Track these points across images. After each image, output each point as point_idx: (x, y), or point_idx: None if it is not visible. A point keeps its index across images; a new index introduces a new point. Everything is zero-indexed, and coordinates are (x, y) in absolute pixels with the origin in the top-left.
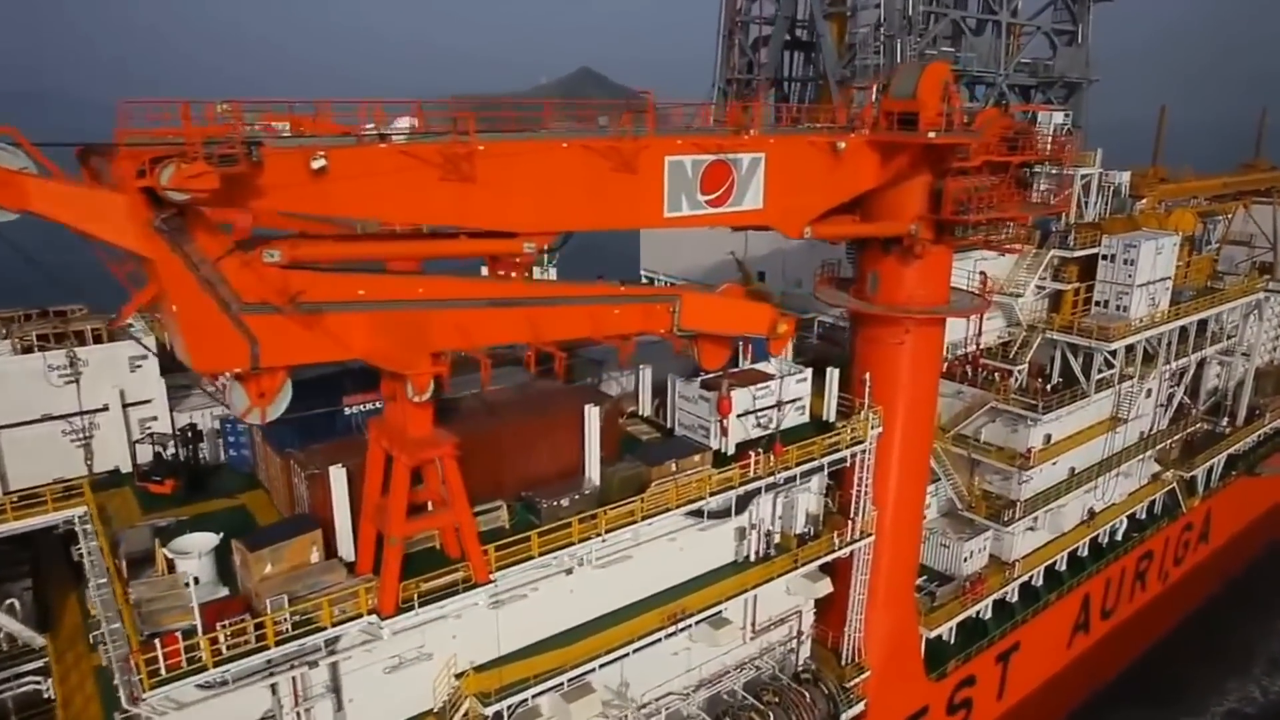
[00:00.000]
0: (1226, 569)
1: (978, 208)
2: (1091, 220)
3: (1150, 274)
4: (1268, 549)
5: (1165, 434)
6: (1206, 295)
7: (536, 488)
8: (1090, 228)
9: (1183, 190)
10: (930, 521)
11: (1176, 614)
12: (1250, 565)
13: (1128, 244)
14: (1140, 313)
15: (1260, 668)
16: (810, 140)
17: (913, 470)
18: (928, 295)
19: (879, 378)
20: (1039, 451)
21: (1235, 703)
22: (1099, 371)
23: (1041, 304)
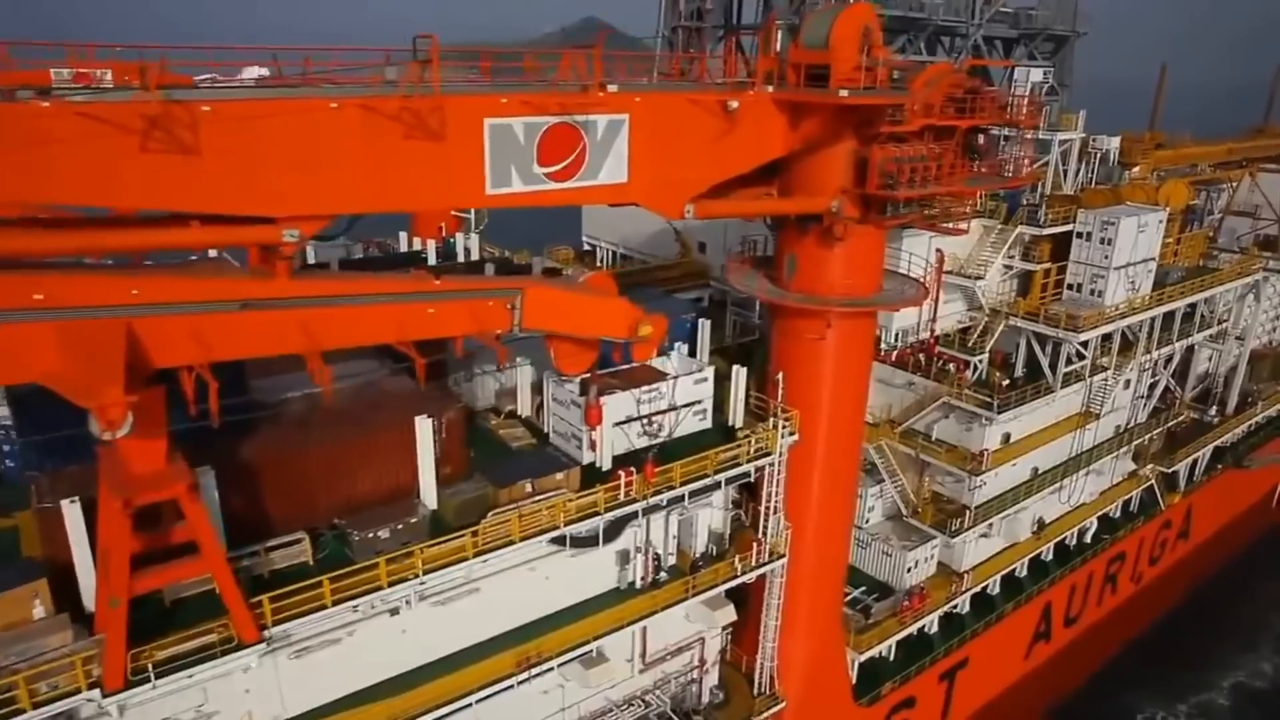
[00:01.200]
0: (1205, 567)
1: (910, 181)
2: (1070, 192)
3: (1130, 254)
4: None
5: (1145, 427)
6: (1198, 277)
7: (359, 513)
8: (1065, 201)
9: (1181, 157)
10: (874, 526)
11: (1149, 615)
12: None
13: (1105, 220)
14: (1117, 298)
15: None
16: (692, 98)
17: (837, 482)
18: (854, 283)
19: (795, 378)
20: (995, 453)
21: (1244, 677)
22: (1069, 363)
23: (1010, 286)
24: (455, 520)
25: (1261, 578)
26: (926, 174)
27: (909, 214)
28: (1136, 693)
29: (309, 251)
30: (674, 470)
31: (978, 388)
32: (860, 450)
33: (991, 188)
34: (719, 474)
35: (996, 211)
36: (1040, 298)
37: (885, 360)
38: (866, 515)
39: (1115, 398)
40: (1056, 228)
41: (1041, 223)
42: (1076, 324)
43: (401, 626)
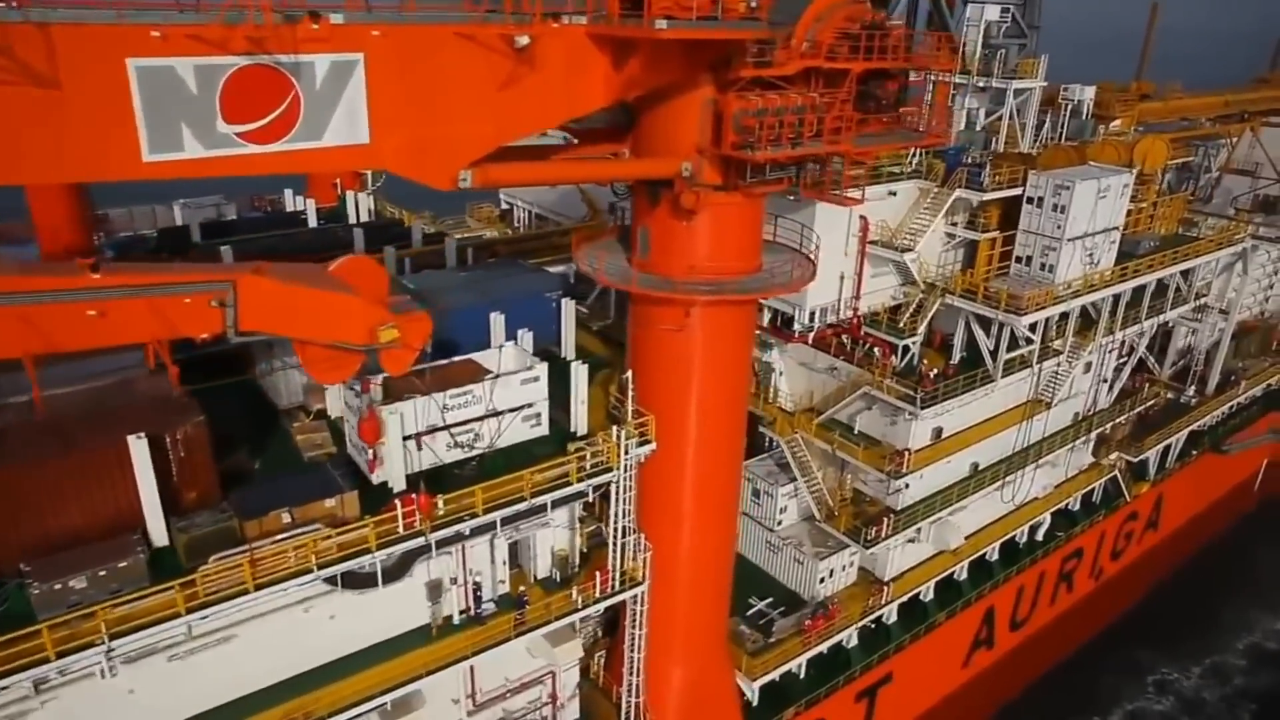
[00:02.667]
0: (1173, 559)
1: (776, 139)
2: (1027, 150)
3: (1088, 223)
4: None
5: (1109, 413)
6: (1175, 247)
7: (53, 555)
8: (1016, 160)
9: (1170, 110)
10: (787, 528)
11: (1110, 612)
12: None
13: (1058, 184)
14: (1071, 274)
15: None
16: (463, 32)
17: (713, 494)
18: (721, 263)
19: (652, 376)
20: (921, 451)
21: (1259, 637)
22: (1015, 346)
23: (955, 257)
24: (186, 560)
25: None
26: (804, 130)
27: (779, 178)
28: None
29: (175, 211)
30: (474, 495)
31: (902, 377)
32: (740, 456)
33: (889, 148)
34: (544, 495)
35: (933, 172)
36: (985, 272)
37: (801, 341)
38: (779, 516)
39: (1072, 383)
40: (1002, 191)
41: (983, 185)
42: (1019, 304)
43: (126, 686)
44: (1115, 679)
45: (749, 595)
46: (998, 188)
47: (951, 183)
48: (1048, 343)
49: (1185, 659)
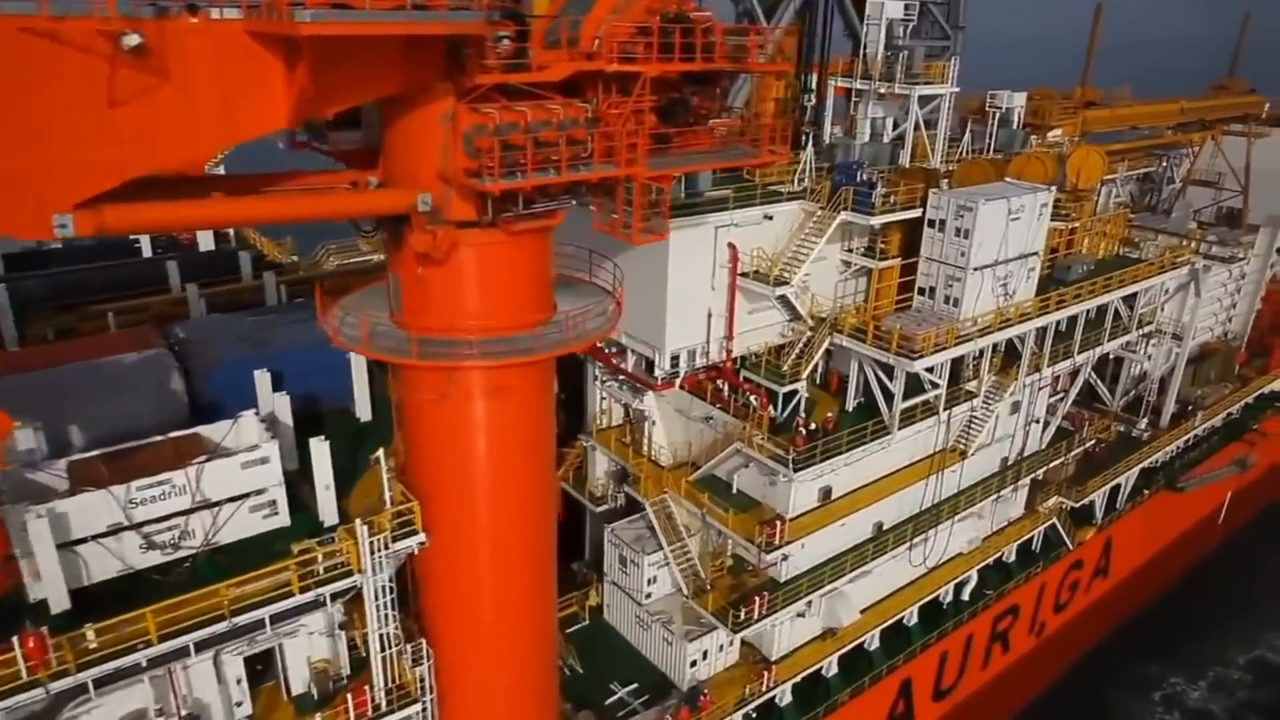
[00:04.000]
0: (1131, 604)
1: (518, 164)
2: (935, 165)
3: (999, 249)
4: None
5: (1045, 456)
6: (1116, 269)
7: None
8: (917, 177)
9: (1118, 118)
10: (659, 602)
11: (1057, 666)
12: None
13: (961, 205)
14: (981, 307)
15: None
16: (32, 26)
17: (513, 590)
18: (492, 316)
19: (421, 451)
20: (801, 517)
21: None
22: (919, 390)
23: (855, 287)
24: None
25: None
26: (572, 151)
27: (549, 210)
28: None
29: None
30: (144, 620)
31: (780, 432)
32: (550, 537)
33: (695, 169)
34: (257, 611)
35: (818, 192)
36: (877, 307)
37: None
38: (647, 588)
39: (995, 427)
40: (895, 214)
41: (872, 207)
42: (912, 345)
43: None
44: (1120, 693)
45: (612, 679)
46: (889, 210)
47: (836, 204)
48: (962, 384)
49: (1190, 669)
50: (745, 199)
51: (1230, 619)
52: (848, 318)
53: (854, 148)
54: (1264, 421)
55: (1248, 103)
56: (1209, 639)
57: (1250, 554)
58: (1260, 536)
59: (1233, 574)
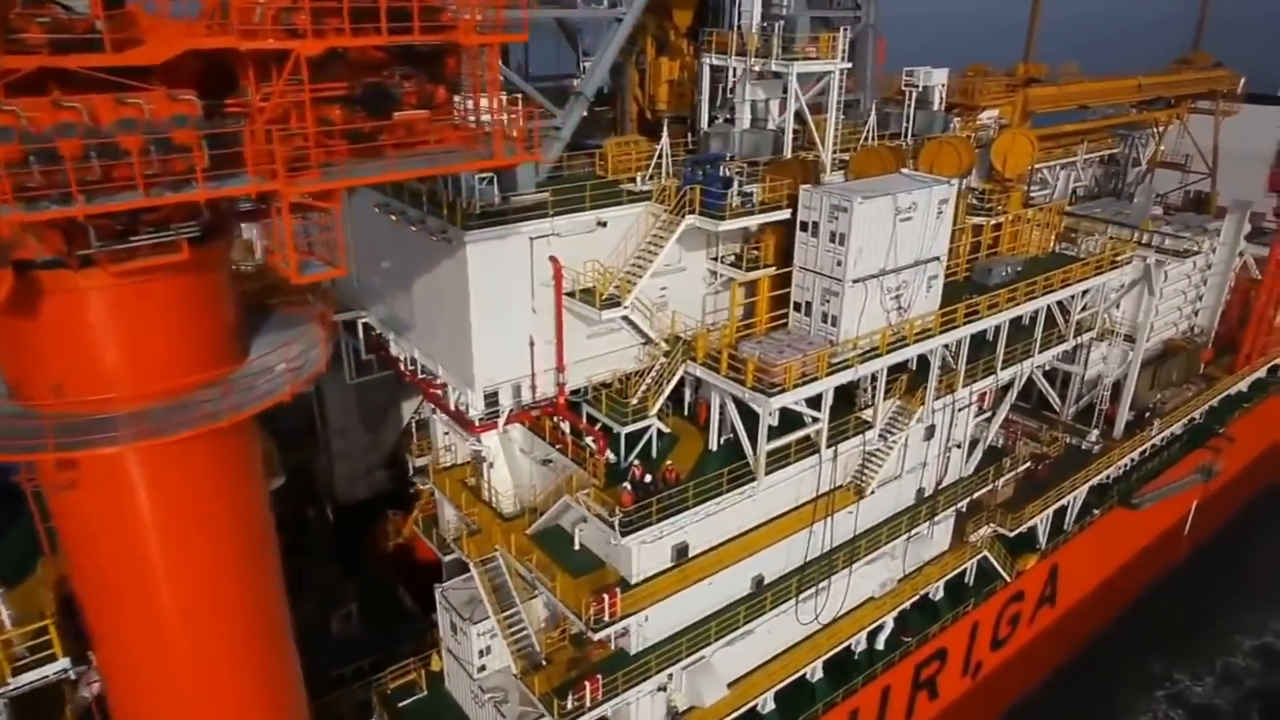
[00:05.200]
0: (1086, 629)
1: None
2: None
3: (884, 256)
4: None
5: (971, 484)
6: (1053, 269)
7: None
8: (789, 169)
9: (1065, 97)
10: (494, 676)
11: (1000, 705)
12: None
13: (835, 204)
14: (867, 325)
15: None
16: None
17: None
18: (121, 379)
19: (70, 551)
20: (644, 584)
21: (1273, 637)
22: (797, 424)
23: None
24: None
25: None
26: (166, 162)
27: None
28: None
29: None
30: None
31: (614, 481)
32: (275, 632)
33: (382, 179)
34: None
35: (665, 193)
36: (750, 325)
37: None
38: (478, 660)
39: (904, 457)
40: (754, 217)
41: (723, 209)
42: (771, 377)
43: None
44: (1121, 688)
45: None
46: (745, 212)
47: (681, 207)
48: (857, 411)
49: (1194, 661)
50: (569, 203)
51: (1233, 604)
52: (700, 341)
53: (733, 137)
54: (1231, 424)
55: (1213, 77)
56: (1213, 626)
57: (1251, 534)
58: (1262, 515)
59: (1235, 555)
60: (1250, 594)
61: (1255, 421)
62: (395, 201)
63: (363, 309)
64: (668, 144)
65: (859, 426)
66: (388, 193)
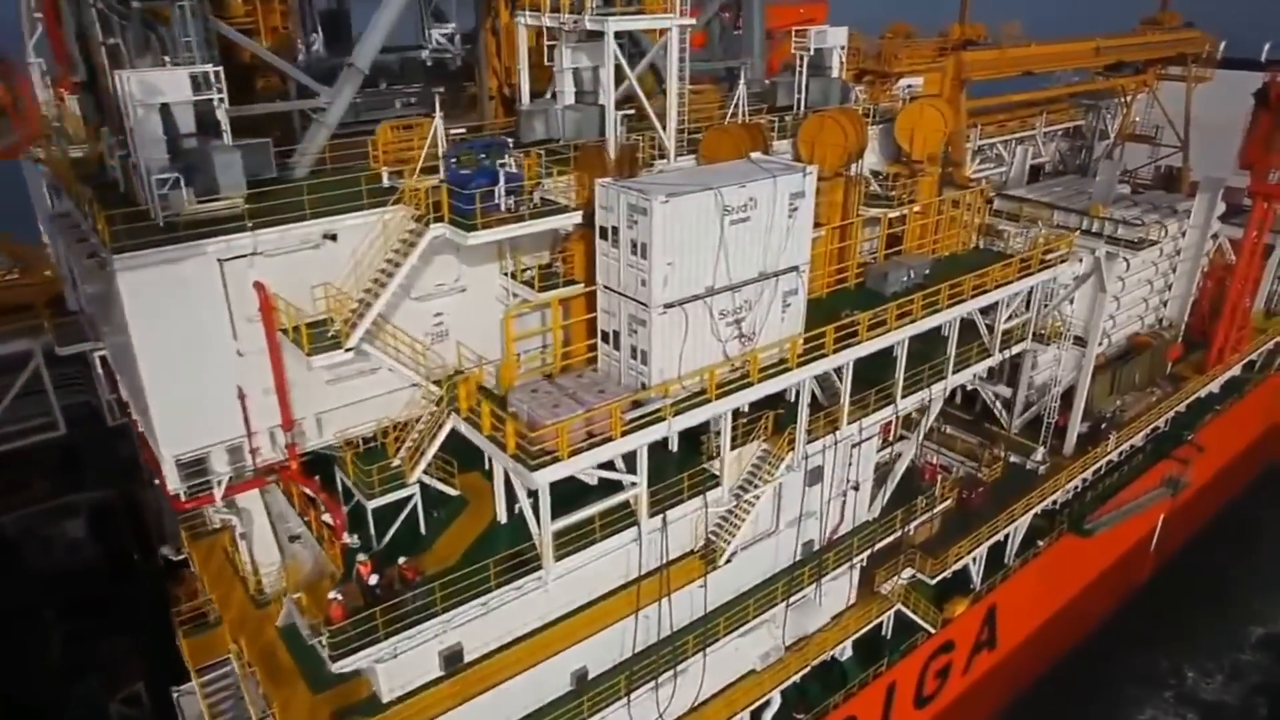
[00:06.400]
0: (1039, 666)
1: None
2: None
3: (709, 271)
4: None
5: (876, 529)
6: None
7: None
8: (592, 158)
9: (1007, 62)
10: None
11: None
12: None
13: (632, 204)
14: (693, 360)
15: None
16: None
17: None
18: None
19: None
20: (406, 700)
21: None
22: (602, 491)
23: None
24: None
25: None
26: None
27: None
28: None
29: None
30: None
31: (347, 581)
32: None
33: None
34: None
35: (416, 195)
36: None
37: (205, 502)
38: None
39: (778, 509)
40: (527, 225)
41: (474, 214)
42: (532, 443)
43: None
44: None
45: None
46: (513, 218)
47: (427, 214)
48: (705, 461)
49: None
50: (283, 210)
51: (1238, 591)
52: (464, 388)
53: (554, 116)
54: (1200, 429)
55: (1183, 39)
56: (1218, 616)
57: (1252, 518)
58: (1261, 497)
59: (1237, 539)
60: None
61: (1233, 421)
62: (76, 208)
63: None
64: (441, 125)
65: (702, 483)
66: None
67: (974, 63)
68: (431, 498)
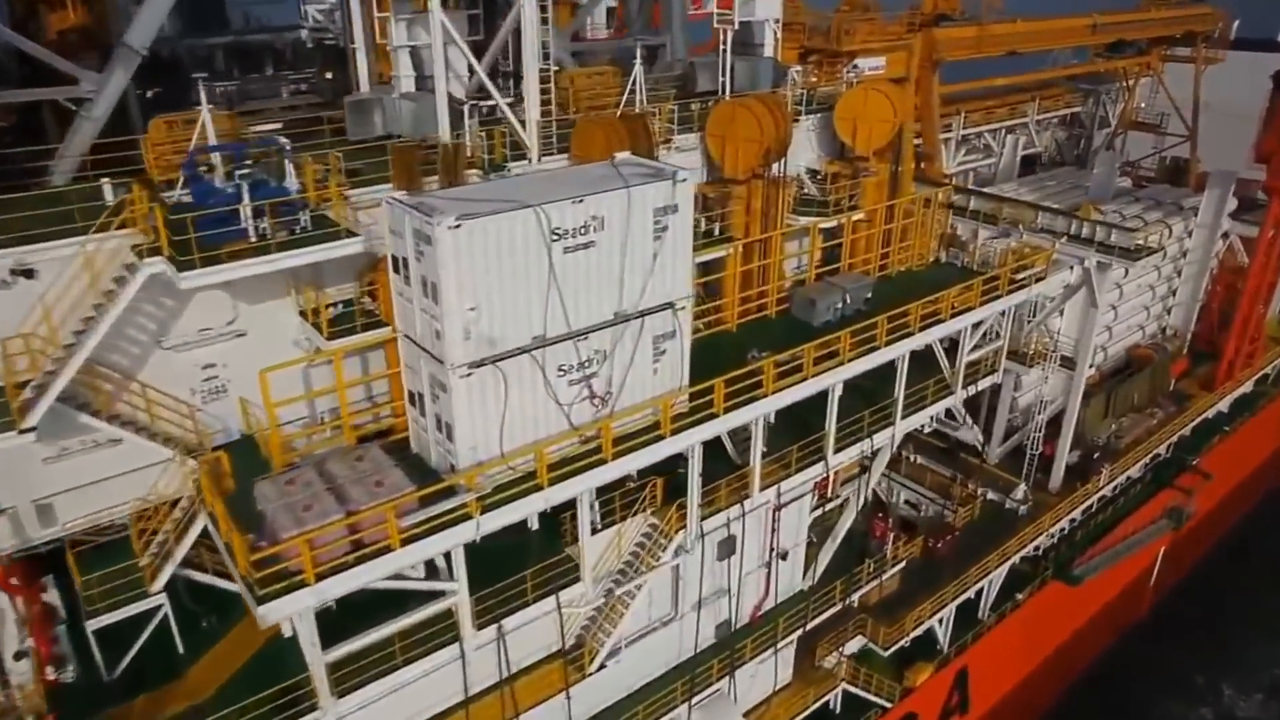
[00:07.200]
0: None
1: None
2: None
3: (530, 317)
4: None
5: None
6: (919, 294)
7: None
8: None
9: (989, 40)
10: None
11: None
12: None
13: (417, 227)
14: (518, 436)
15: None
16: None
17: None
18: None
19: None
20: None
21: None
22: (409, 602)
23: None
24: None
25: None
26: None
27: None
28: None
29: None
30: None
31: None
32: None
33: None
34: None
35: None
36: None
37: None
38: None
39: (681, 591)
40: (282, 256)
41: (216, 247)
42: (268, 565)
43: None
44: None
45: None
46: (256, 249)
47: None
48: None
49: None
50: None
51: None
52: (206, 476)
53: (390, 106)
54: (1206, 453)
55: (1191, 16)
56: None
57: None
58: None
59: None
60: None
61: (1243, 442)
62: None
63: None
64: (209, 117)
65: (559, 577)
66: None
67: (948, 41)
68: (216, 597)
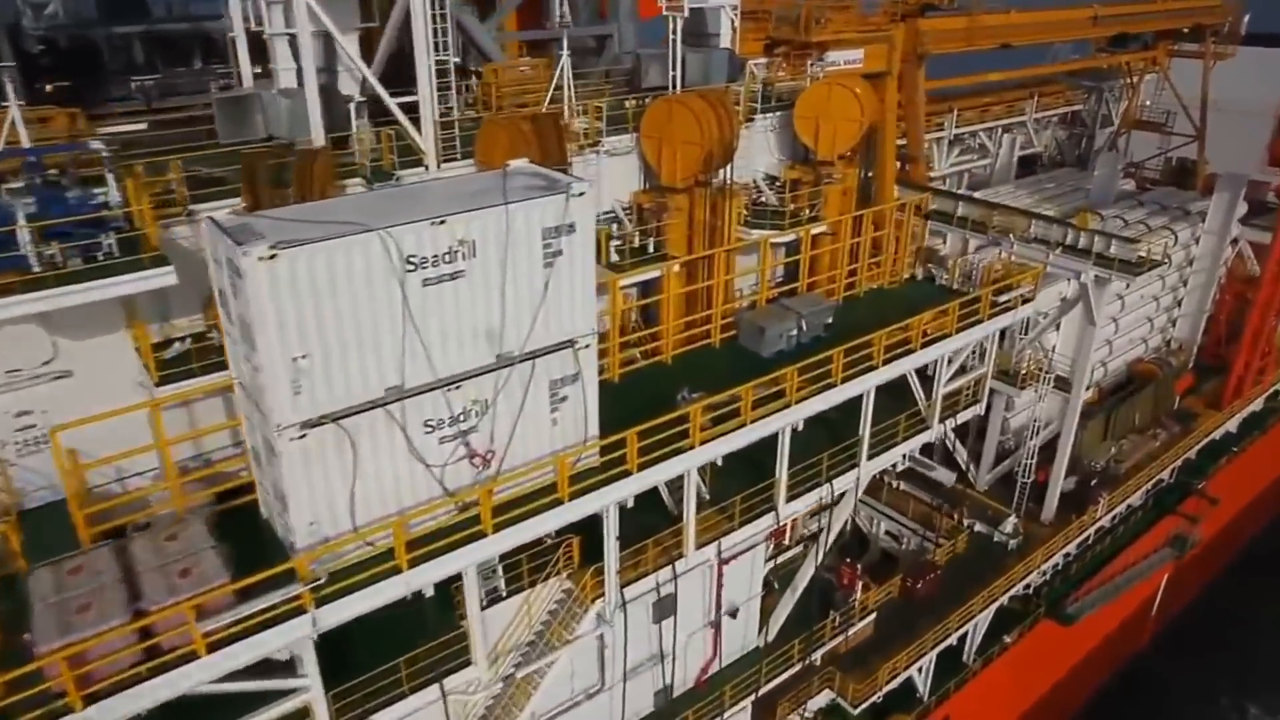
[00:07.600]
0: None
1: None
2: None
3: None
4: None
5: (761, 664)
6: (896, 316)
7: None
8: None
9: (978, 31)
10: None
11: None
12: None
13: (230, 256)
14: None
15: None
16: None
17: None
18: None
19: None
20: None
21: None
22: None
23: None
24: None
25: None
26: None
27: None
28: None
29: None
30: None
31: None
32: None
33: None
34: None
35: None
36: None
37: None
38: None
39: (609, 660)
40: (64, 291)
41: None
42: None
43: None
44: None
45: None
46: (32, 281)
47: None
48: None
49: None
50: None
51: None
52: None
53: (268, 104)
54: (1212, 476)
55: (1200, 8)
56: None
57: None
58: None
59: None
60: None
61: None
62: None
63: None
64: (17, 111)
65: (448, 660)
66: None
67: (934, 32)
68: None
